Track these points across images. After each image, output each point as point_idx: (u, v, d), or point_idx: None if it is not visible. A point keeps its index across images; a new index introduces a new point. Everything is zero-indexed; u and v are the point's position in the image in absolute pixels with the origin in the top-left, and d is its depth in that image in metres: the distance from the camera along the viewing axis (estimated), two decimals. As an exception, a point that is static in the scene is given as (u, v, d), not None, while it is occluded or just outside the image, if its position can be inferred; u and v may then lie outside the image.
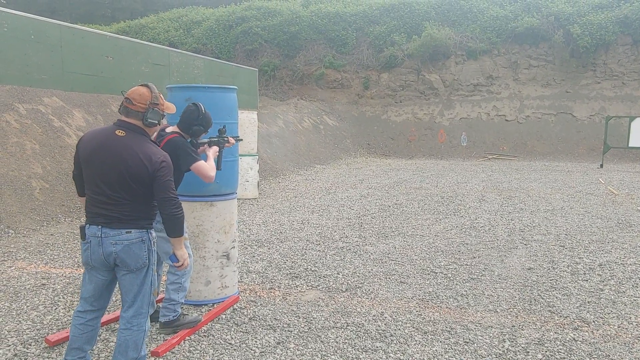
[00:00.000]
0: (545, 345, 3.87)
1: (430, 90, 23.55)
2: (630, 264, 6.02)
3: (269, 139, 16.47)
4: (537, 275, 5.57)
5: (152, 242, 3.07)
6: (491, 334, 4.05)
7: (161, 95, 3.13)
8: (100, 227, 2.96)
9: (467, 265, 5.96)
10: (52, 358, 3.55)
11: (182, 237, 3.11)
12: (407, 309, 4.58)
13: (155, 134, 3.25)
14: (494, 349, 3.79)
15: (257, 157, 10.92)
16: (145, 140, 3.05)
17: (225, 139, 4.19)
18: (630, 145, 17.67)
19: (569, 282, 5.35)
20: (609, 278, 5.50)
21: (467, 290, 5.10)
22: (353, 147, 21.66)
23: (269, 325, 4.19)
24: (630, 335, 4.05)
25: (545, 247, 6.79)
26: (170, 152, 3.69)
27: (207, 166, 3.82)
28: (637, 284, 5.32)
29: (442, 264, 6.00)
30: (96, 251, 2.97)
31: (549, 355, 3.69)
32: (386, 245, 6.85)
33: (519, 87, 22.98)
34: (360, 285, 5.23)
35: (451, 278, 5.47)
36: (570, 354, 3.72)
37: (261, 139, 14.68)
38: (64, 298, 4.73)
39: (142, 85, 3.08)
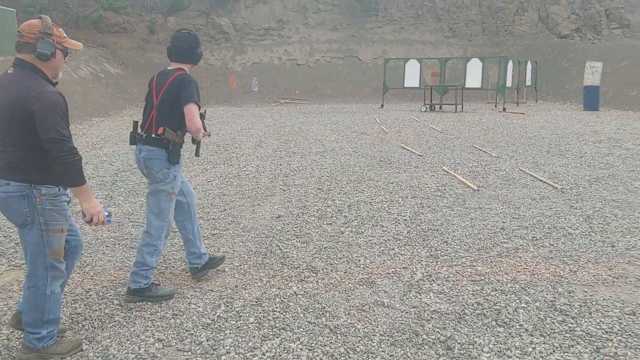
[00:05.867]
0: (263, 305, 3.48)
1: (221, 35, 22.65)
2: (377, 202, 6.04)
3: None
4: (284, 224, 5.28)
5: (38, 199, 2.69)
6: (207, 300, 3.57)
7: (62, 30, 2.82)
8: None
9: (213, 219, 5.46)
10: None
11: (82, 186, 2.74)
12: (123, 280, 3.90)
13: (59, 73, 2.84)
14: (203, 319, 3.29)
15: None
16: (33, 76, 2.66)
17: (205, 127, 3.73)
18: (405, 85, 18.88)
19: (314, 228, 5.13)
20: (353, 219, 5.40)
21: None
22: (140, 96, 20.01)
23: None
24: (353, 281, 3.86)
25: (303, 191, 6.60)
26: (177, 87, 3.45)
27: (198, 115, 3.48)
28: (377, 222, 5.28)
29: (187, 220, 5.41)
30: None
31: (261, 317, 3.30)
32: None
33: (309, 31, 23.16)
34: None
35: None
36: (285, 312, 3.37)
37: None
38: None
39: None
